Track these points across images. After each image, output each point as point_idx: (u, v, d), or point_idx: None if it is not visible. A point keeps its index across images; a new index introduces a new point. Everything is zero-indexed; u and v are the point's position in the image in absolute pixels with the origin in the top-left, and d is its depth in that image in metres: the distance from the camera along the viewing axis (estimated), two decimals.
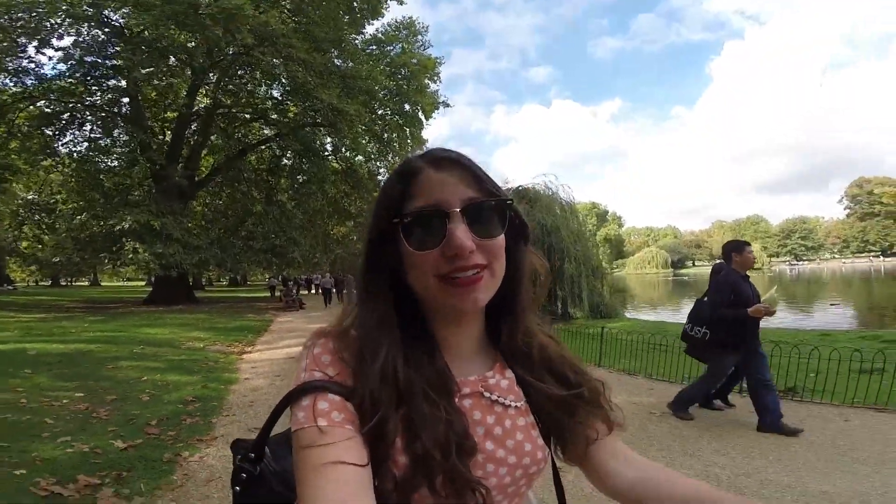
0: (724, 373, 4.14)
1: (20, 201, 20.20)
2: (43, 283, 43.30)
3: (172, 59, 16.78)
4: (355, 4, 19.98)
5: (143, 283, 43.15)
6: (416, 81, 22.25)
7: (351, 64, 19.53)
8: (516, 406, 0.64)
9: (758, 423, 3.77)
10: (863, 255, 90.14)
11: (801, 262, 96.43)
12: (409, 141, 23.12)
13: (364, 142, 20.81)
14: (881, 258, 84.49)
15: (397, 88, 21.85)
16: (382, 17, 21.46)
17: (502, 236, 0.59)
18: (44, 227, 18.04)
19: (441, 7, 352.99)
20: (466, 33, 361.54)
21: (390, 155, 22.71)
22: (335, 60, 19.00)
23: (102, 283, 52.21)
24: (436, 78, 23.82)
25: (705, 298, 4.17)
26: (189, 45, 16.01)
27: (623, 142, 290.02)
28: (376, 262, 0.61)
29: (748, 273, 4.10)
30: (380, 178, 22.09)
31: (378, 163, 23.49)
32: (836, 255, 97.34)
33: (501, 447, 0.61)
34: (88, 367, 5.57)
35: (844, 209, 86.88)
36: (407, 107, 22.98)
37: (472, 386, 0.63)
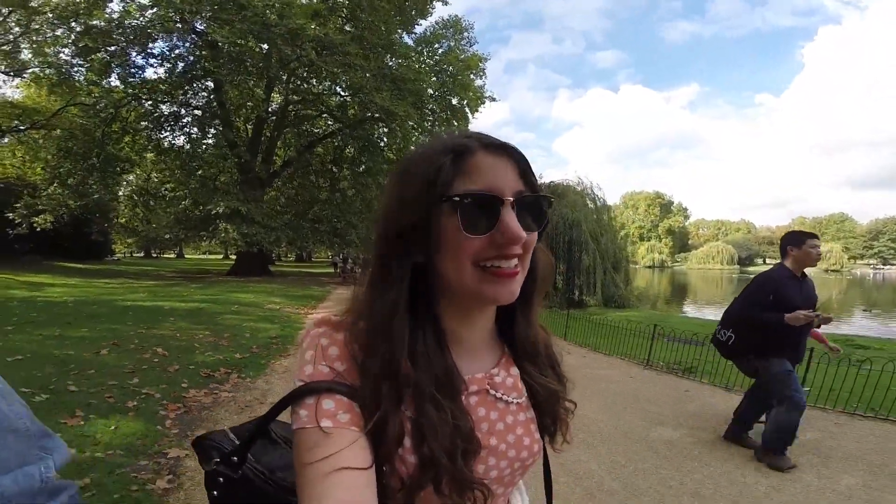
0: (789, 377, 3.29)
1: (133, 187, 24.35)
2: (137, 255, 48.58)
3: (249, 64, 19.29)
4: (407, 3, 21.78)
5: (221, 257, 48.45)
6: (462, 78, 23.62)
7: (403, 62, 21.44)
8: (518, 402, 0.66)
9: (727, 428, 3.71)
10: None
11: (888, 266, 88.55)
12: (456, 134, 24.78)
13: (415, 137, 22.92)
14: None
15: (443, 87, 23.52)
16: (430, 15, 23.28)
17: (536, 232, 0.60)
18: (158, 209, 21.89)
19: None
20: (526, 17, 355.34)
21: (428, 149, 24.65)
22: (387, 62, 20.99)
23: (186, 256, 58.75)
24: (481, 74, 25.18)
25: None
26: (262, 53, 18.55)
27: (699, 129, 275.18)
28: (410, 241, 0.58)
29: (805, 272, 3.45)
30: None
31: None
32: None
33: (503, 442, 0.63)
34: (206, 318, 8.17)
35: None
36: (454, 101, 24.45)
37: (479, 384, 0.63)
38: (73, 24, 17.26)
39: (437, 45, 24.17)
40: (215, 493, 0.63)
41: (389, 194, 0.62)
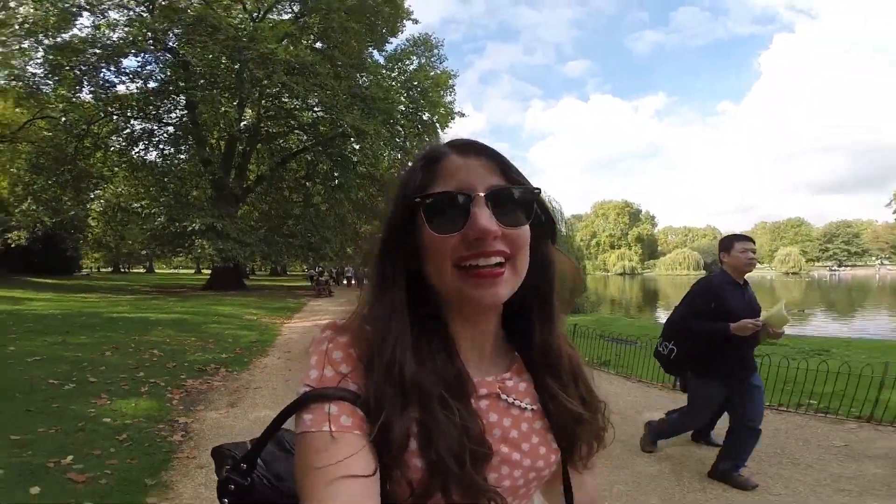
0: (707, 407, 3.31)
1: (103, 202, 24.40)
2: (104, 270, 47.10)
3: (221, 84, 19.95)
4: (378, 23, 22.49)
5: (193, 271, 47.76)
6: (432, 94, 24.40)
7: (374, 79, 22.20)
8: (533, 409, 0.64)
9: (713, 466, 3.16)
10: None
11: (843, 268, 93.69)
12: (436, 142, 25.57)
13: (385, 154, 23.79)
14: None
15: (413, 103, 24.39)
16: (401, 33, 24.11)
17: (527, 228, 0.58)
18: (132, 225, 22.22)
19: (474, 1, 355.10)
20: (500, 27, 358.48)
21: (410, 162, 25.46)
22: (358, 80, 21.73)
23: (156, 271, 57.84)
24: (451, 90, 25.82)
25: None
26: (234, 71, 19.15)
27: (666, 138, 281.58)
28: (394, 247, 0.60)
29: (746, 279, 3.22)
30: None
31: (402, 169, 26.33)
32: (886, 262, 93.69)
33: (516, 450, 0.61)
34: (191, 327, 9.04)
35: (894, 212, 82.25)
36: (425, 117, 25.08)
37: (490, 387, 0.62)
38: (41, 37, 17.44)
39: (407, 62, 24.96)
40: (226, 500, 0.62)
41: (385, 204, 0.65)
